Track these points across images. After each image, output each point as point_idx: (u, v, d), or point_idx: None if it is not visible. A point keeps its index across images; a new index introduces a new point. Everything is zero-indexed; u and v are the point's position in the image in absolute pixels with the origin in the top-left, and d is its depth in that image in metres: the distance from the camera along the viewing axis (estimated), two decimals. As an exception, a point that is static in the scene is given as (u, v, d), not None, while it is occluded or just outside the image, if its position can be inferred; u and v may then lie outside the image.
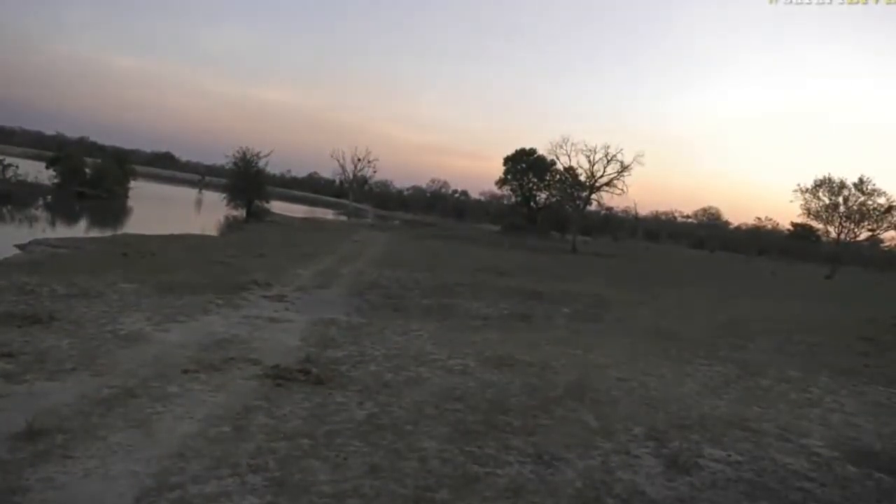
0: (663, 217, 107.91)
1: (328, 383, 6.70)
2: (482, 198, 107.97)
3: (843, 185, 52.68)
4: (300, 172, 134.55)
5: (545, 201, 75.08)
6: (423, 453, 5.07)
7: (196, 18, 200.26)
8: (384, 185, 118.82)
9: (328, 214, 75.54)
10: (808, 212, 55.02)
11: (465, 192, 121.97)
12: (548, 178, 72.27)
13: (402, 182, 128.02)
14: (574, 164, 58.71)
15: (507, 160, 75.06)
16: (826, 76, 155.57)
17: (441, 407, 6.33)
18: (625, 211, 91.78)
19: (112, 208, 38.53)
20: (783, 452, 6.00)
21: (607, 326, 13.02)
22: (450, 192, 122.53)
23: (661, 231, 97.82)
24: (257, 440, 4.98)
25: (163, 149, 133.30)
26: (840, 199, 52.92)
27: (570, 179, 61.52)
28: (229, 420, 5.35)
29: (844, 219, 53.08)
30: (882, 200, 52.21)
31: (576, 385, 7.64)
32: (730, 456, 5.75)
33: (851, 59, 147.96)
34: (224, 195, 48.27)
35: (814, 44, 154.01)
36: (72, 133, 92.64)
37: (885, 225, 53.80)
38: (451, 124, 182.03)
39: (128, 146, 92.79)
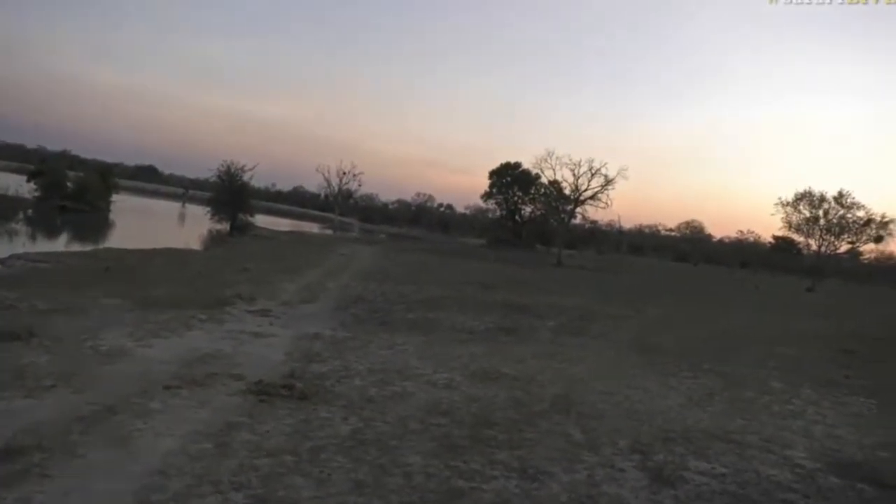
0: (647, 230, 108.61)
1: (312, 398, 6.66)
2: (467, 211, 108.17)
3: (823, 199, 53.49)
4: (285, 186, 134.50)
5: (530, 215, 75.35)
6: (408, 468, 5.04)
7: (180, 31, 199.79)
8: (369, 198, 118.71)
9: (313, 228, 75.37)
10: (790, 225, 55.77)
11: (450, 206, 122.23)
12: (533, 191, 72.58)
13: (387, 196, 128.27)
14: (559, 177, 59.11)
15: (493, 174, 75.40)
16: (805, 90, 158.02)
17: (426, 421, 6.30)
18: (609, 224, 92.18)
19: (94, 222, 38.18)
20: (767, 464, 6.03)
21: (592, 340, 13.05)
22: (435, 205, 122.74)
23: (644, 244, 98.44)
24: (240, 457, 4.93)
25: (146, 162, 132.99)
26: (820, 213, 53.70)
27: (555, 193, 61.79)
28: (212, 436, 5.29)
29: (825, 232, 53.81)
30: (861, 213, 53.09)
31: (561, 398, 7.65)
32: (714, 468, 5.77)
33: (832, 72, 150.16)
34: (208, 209, 48.03)
35: (797, 58, 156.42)
36: (54, 146, 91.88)
37: (864, 238, 54.64)
38: (437, 138, 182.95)
39: (110, 159, 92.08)
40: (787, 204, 54.51)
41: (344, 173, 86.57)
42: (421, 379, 8.11)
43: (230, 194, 46.81)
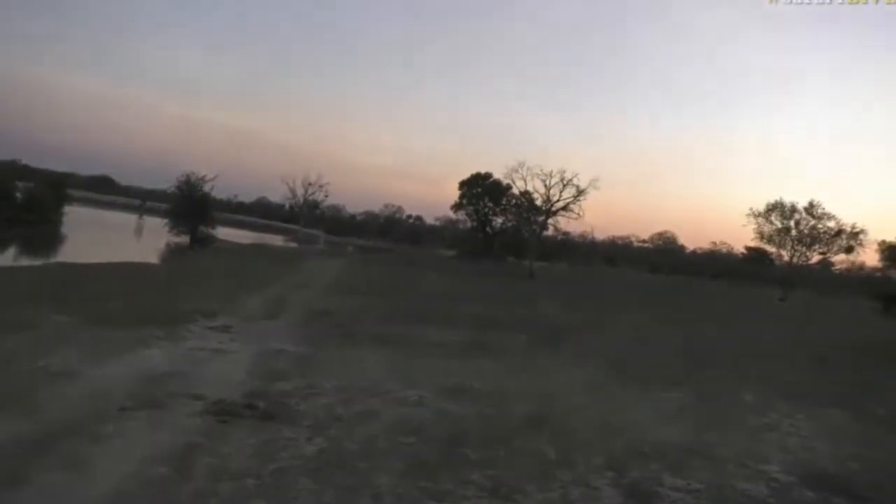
0: (620, 242, 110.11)
1: (276, 418, 6.58)
2: (437, 223, 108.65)
3: (794, 209, 54.91)
4: (248, 197, 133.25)
5: (501, 226, 75.93)
6: (377, 490, 5.00)
7: (138, 36, 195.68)
8: (336, 209, 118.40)
9: (277, 240, 74.73)
10: (762, 235, 57.14)
11: (419, 217, 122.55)
12: (504, 202, 73.19)
13: (354, 207, 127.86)
14: (530, 188, 59.80)
15: (463, 184, 75.85)
16: (779, 99, 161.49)
17: (395, 440, 6.26)
18: (582, 236, 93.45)
19: (45, 235, 37.33)
20: (742, 479, 6.12)
21: (565, 353, 13.12)
22: (404, 216, 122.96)
23: (618, 256, 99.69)
24: (200, 481, 4.84)
25: (101, 172, 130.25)
26: (791, 223, 55.12)
27: (527, 204, 62.41)
28: (170, 460, 5.18)
29: (796, 242, 55.21)
30: (832, 224, 54.61)
31: (534, 414, 7.67)
32: (689, 484, 5.83)
33: (808, 81, 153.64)
34: (166, 221, 47.38)
35: (775, 66, 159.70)
36: (2, 155, 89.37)
37: (835, 248, 56.17)
38: (406, 148, 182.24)
39: (63, 169, 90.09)
40: (759, 214, 55.96)
41: (310, 184, 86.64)
42: (389, 396, 8.06)
43: (190, 206, 46.21)
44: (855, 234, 54.76)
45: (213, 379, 8.10)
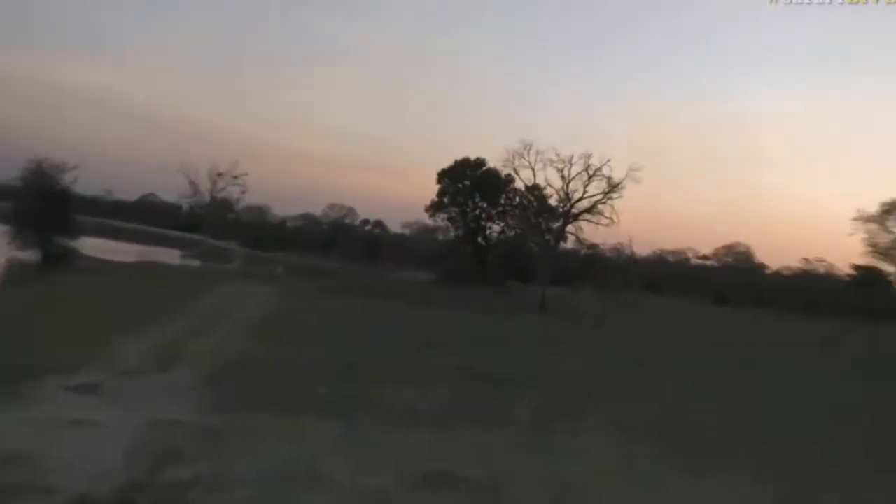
0: (671, 258, 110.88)
1: (167, 522, 6.55)
2: (406, 231, 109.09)
3: (919, 211, 55.43)
4: (129, 194, 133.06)
5: (499, 236, 76.10)
6: None
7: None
8: (259, 212, 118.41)
9: (172, 256, 74.47)
10: (875, 249, 57.53)
11: (380, 223, 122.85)
12: (503, 201, 73.40)
13: (286, 208, 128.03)
14: (541, 181, 59.61)
15: (444, 175, 75.89)
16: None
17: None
18: (615, 250, 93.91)
19: None
20: None
21: (592, 423, 13.16)
22: (358, 222, 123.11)
23: (667, 279, 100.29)
24: None
25: None
26: (918, 231, 55.60)
27: (536, 203, 62.47)
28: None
29: (925, 259, 55.69)
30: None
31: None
32: None
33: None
34: (6, 228, 47.09)
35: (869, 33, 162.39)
36: None
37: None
38: (359, 127, 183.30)
39: None
40: (871, 219, 56.34)
41: (219, 174, 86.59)
42: (336, 486, 8.08)
43: (42, 206, 45.96)
44: None
45: (73, 463, 8.06)
